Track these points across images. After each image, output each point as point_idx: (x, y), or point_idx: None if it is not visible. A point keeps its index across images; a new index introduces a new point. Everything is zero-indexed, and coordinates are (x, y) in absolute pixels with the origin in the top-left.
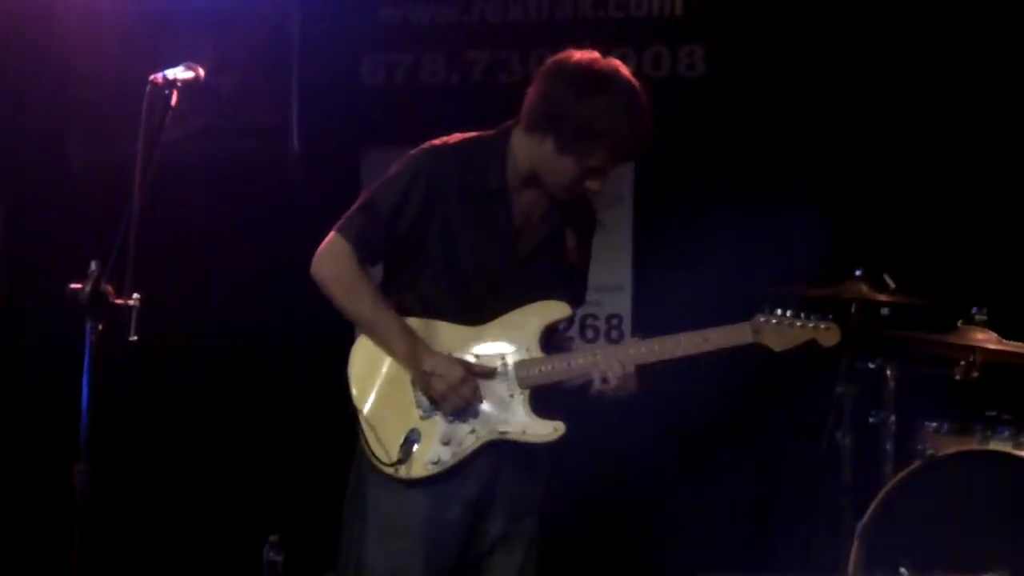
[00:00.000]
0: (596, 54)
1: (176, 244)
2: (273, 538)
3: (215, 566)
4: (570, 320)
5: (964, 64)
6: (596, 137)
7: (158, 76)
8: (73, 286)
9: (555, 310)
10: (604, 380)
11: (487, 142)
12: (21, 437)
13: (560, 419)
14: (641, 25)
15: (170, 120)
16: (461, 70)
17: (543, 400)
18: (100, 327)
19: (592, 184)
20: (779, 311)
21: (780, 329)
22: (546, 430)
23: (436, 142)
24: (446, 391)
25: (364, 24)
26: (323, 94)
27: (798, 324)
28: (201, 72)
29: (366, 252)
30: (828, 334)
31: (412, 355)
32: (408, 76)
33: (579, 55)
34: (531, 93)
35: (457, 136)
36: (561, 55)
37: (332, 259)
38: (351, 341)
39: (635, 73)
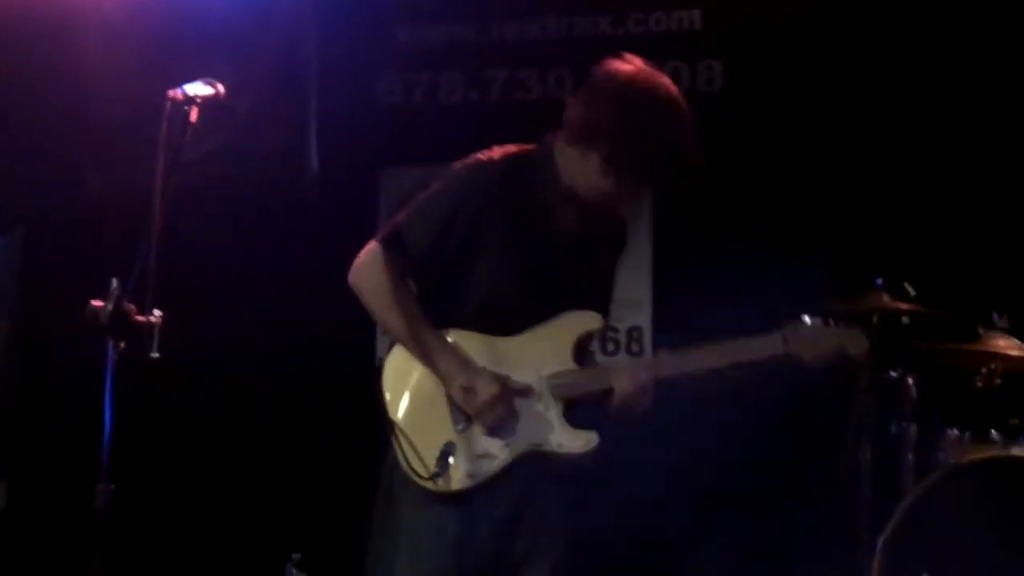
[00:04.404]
0: (646, 68)
1: (196, 264)
2: (295, 556)
3: None
4: (602, 331)
5: (981, 77)
6: (641, 161)
7: (177, 92)
8: (94, 304)
9: (588, 321)
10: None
11: (532, 157)
12: (43, 457)
13: (594, 431)
14: (660, 41)
15: (189, 137)
16: (479, 89)
17: (577, 412)
18: (122, 345)
19: (626, 203)
20: (806, 318)
21: (809, 337)
22: (580, 441)
23: (482, 157)
24: (482, 407)
25: (381, 44)
26: (341, 114)
27: (826, 330)
28: (221, 88)
29: (407, 265)
30: (856, 341)
31: (449, 369)
32: (426, 95)
33: (630, 70)
34: (577, 104)
35: (500, 150)
36: (612, 67)
37: (371, 269)
38: (372, 360)
39: None
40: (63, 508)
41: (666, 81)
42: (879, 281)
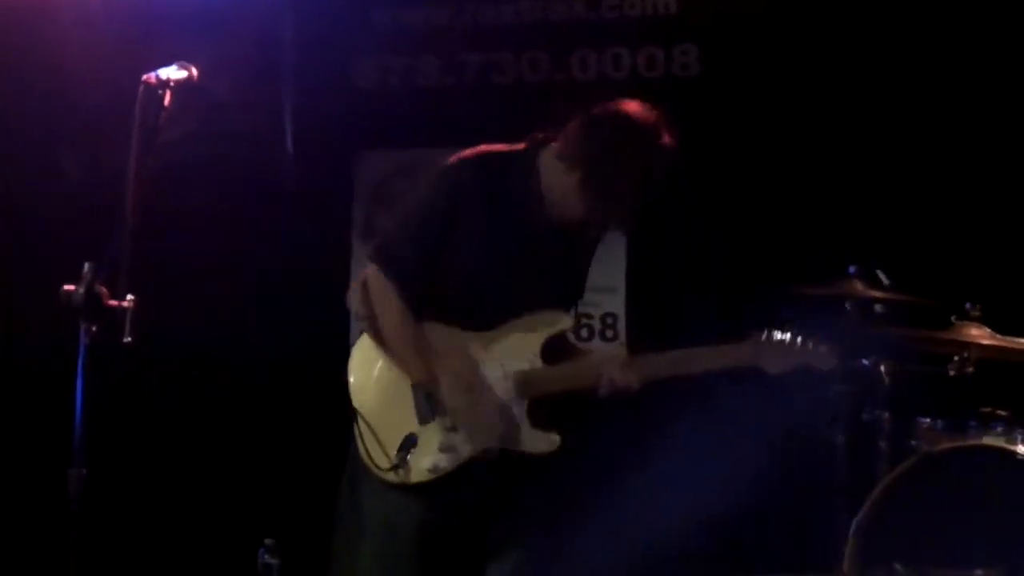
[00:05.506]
0: (649, 112)
1: (169, 247)
2: (268, 542)
3: (210, 570)
4: (574, 328)
5: (954, 62)
6: (616, 203)
7: (151, 76)
8: (67, 288)
9: (557, 321)
10: (611, 386)
11: (514, 157)
12: (15, 442)
13: (558, 432)
14: (635, 25)
15: (164, 120)
16: (455, 72)
17: (542, 412)
18: (94, 329)
19: (593, 227)
20: (778, 334)
21: (776, 351)
22: (542, 442)
23: (464, 155)
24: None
25: (357, 27)
26: (316, 98)
27: (796, 347)
28: (194, 72)
29: (409, 286)
30: (823, 359)
31: (463, 407)
32: (401, 79)
33: (630, 108)
34: (580, 126)
35: (483, 148)
36: (618, 101)
37: (382, 299)
38: (346, 345)
39: (629, 74)
40: (36, 493)
41: (662, 129)
42: (852, 268)
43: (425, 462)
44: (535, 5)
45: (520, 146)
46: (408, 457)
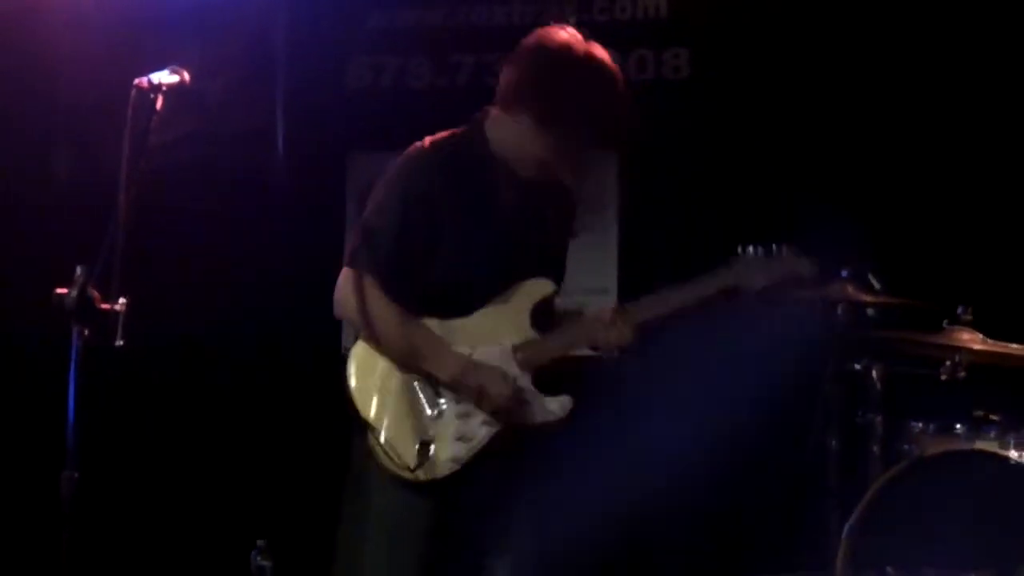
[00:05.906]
0: (577, 35)
1: (161, 249)
2: (261, 543)
3: (203, 572)
4: (555, 295)
5: (945, 65)
6: (572, 115)
7: (143, 80)
8: (59, 291)
9: (539, 288)
10: (607, 341)
11: (464, 138)
12: (8, 445)
13: (567, 395)
14: (625, 28)
15: (155, 124)
16: (447, 73)
17: (545, 379)
18: (86, 332)
19: (563, 170)
20: (750, 249)
21: (756, 264)
22: (554, 407)
23: (413, 148)
24: (502, 403)
25: (350, 28)
26: (309, 98)
27: (775, 258)
28: (186, 76)
29: (384, 276)
30: (803, 264)
31: (459, 374)
32: (394, 80)
33: (560, 34)
34: (510, 70)
35: (429, 139)
36: (541, 32)
37: (357, 297)
38: (338, 345)
39: None
40: (28, 496)
41: (595, 44)
42: (844, 272)
43: (446, 455)
44: (527, 7)
45: (463, 128)
46: (430, 453)
